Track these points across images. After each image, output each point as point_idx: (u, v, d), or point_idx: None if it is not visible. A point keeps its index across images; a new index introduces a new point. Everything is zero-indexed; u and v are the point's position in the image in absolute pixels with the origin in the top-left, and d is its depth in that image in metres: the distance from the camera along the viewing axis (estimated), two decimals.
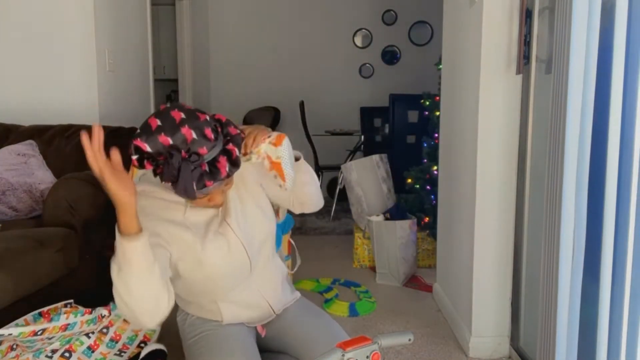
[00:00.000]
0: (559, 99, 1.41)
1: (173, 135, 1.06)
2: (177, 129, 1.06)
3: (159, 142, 1.06)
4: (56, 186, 2.17)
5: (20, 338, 1.38)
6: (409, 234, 3.00)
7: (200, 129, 1.07)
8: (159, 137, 1.06)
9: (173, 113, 1.09)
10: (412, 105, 4.32)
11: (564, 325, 1.40)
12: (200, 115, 1.11)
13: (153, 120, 1.09)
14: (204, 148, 1.07)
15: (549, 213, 1.46)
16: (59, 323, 1.46)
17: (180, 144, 1.06)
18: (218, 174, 1.09)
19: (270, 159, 1.29)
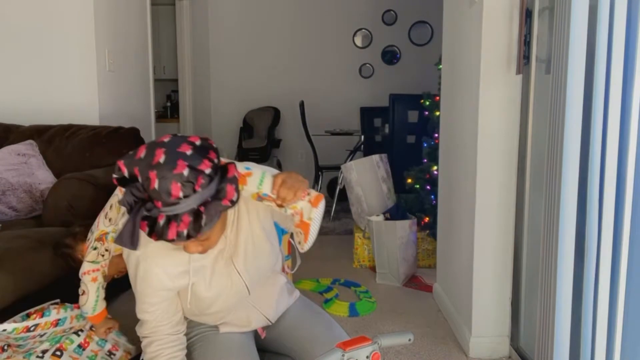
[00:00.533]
0: (558, 99, 1.41)
1: (142, 174, 1.00)
2: (147, 170, 0.99)
3: (133, 171, 1.01)
4: (56, 186, 2.17)
5: (13, 334, 1.38)
6: (409, 234, 3.00)
7: (166, 181, 0.98)
8: (134, 167, 1.01)
9: (157, 150, 1.01)
10: (412, 105, 4.32)
11: (563, 325, 1.40)
12: (179, 164, 0.99)
13: (142, 148, 1.04)
14: (160, 202, 0.99)
15: (548, 212, 1.47)
16: (50, 318, 1.46)
17: (145, 186, 0.99)
18: (166, 233, 1.00)
19: (301, 216, 1.22)
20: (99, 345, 1.56)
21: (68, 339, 1.51)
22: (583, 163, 1.35)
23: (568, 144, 1.37)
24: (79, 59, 2.92)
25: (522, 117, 1.94)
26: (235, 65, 5.89)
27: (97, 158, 2.57)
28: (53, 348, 1.46)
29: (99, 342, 1.56)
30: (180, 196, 0.98)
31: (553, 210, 1.44)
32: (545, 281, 1.47)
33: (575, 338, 1.39)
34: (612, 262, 1.27)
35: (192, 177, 0.99)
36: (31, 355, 1.43)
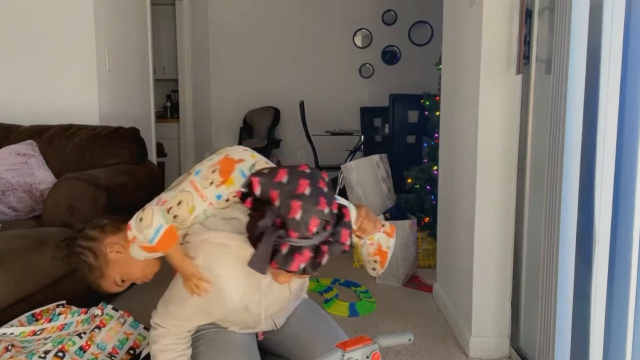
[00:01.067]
0: (558, 99, 1.41)
1: (282, 200, 1.01)
2: (289, 198, 1.00)
3: (268, 193, 1.02)
4: (56, 186, 2.17)
5: (20, 337, 1.38)
6: (409, 234, 3.00)
7: (308, 215, 1.00)
8: (273, 189, 1.01)
9: (302, 181, 1.02)
10: (412, 105, 4.32)
11: (564, 325, 1.40)
12: (321, 201, 1.01)
13: (282, 172, 1.04)
14: (296, 233, 1.00)
15: (549, 212, 1.47)
16: (57, 323, 1.46)
17: (282, 212, 1.01)
18: (288, 264, 1.02)
19: (380, 247, 1.29)
20: (99, 348, 1.56)
21: (71, 340, 1.51)
22: (584, 163, 1.35)
23: (569, 144, 1.37)
24: (79, 59, 2.92)
25: (522, 117, 1.94)
26: (235, 65, 5.89)
27: (97, 158, 2.57)
28: (55, 349, 1.46)
29: (100, 345, 1.57)
30: (314, 232, 1.01)
31: (554, 209, 1.44)
32: (547, 281, 1.47)
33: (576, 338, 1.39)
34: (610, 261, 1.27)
35: (328, 216, 1.03)
36: (33, 355, 1.43)
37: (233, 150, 1.29)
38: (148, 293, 2.57)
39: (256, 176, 1.05)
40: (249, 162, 1.26)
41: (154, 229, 1.13)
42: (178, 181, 1.30)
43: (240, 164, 1.24)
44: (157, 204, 1.24)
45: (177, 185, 1.28)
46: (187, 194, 1.22)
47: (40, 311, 1.65)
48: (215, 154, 1.31)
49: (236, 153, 1.28)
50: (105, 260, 1.26)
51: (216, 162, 1.25)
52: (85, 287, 2.13)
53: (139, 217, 1.16)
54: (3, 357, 1.40)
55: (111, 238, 1.27)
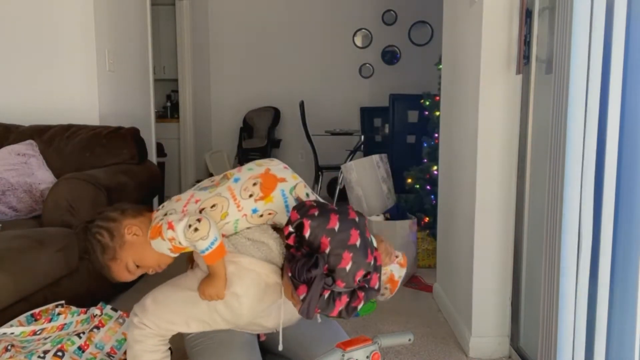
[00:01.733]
0: (560, 99, 1.41)
1: (333, 248, 1.01)
2: (342, 248, 1.01)
3: (319, 239, 1.02)
4: (56, 186, 2.17)
5: (20, 337, 1.38)
6: (409, 234, 3.00)
7: (357, 267, 1.02)
8: (325, 236, 1.02)
9: (353, 231, 1.03)
10: (412, 105, 4.32)
11: (566, 325, 1.40)
12: (369, 253, 1.04)
13: (334, 218, 1.04)
14: (343, 283, 1.02)
15: (551, 213, 1.46)
16: (57, 323, 1.46)
17: (332, 261, 1.01)
18: (330, 309, 1.04)
19: (392, 276, 1.33)
20: (97, 348, 1.56)
21: (70, 340, 1.51)
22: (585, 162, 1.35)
23: (570, 144, 1.37)
24: (79, 59, 2.92)
25: (522, 117, 1.94)
26: (235, 65, 5.89)
27: (97, 158, 2.57)
28: (54, 349, 1.46)
29: (98, 345, 1.57)
30: (356, 282, 1.03)
31: (556, 209, 1.44)
32: (548, 281, 1.47)
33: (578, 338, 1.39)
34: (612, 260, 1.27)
35: (372, 267, 1.05)
36: (33, 355, 1.43)
37: (274, 166, 1.28)
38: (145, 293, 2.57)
39: (307, 218, 1.03)
40: (291, 183, 1.25)
41: (209, 241, 1.13)
42: (212, 181, 1.28)
43: (283, 184, 1.24)
44: (189, 200, 1.23)
45: (211, 185, 1.26)
46: (223, 200, 1.20)
47: (39, 311, 1.65)
48: (254, 163, 1.29)
49: (278, 170, 1.27)
50: (121, 241, 1.23)
51: (257, 175, 1.23)
52: (85, 287, 2.14)
53: (194, 227, 1.13)
54: (2, 357, 1.40)
55: (130, 220, 1.25)
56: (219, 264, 1.16)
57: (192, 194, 1.25)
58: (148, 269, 1.28)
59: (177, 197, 1.27)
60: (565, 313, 1.39)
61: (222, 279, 1.16)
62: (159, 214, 1.24)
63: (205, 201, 1.20)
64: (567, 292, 1.39)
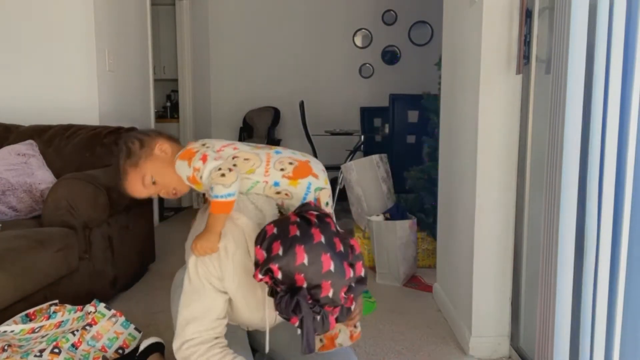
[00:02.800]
0: (557, 99, 1.41)
1: (310, 282, 0.99)
2: (318, 280, 0.99)
3: (293, 277, 1.00)
4: (56, 186, 2.17)
5: (19, 335, 1.38)
6: (409, 234, 3.00)
7: (338, 287, 1.01)
8: (295, 273, 0.99)
9: (323, 256, 1.00)
10: (412, 105, 4.32)
11: (562, 325, 1.40)
12: (346, 269, 1.02)
13: (300, 251, 1.00)
14: (330, 307, 1.02)
15: (548, 212, 1.47)
16: (55, 320, 1.47)
17: (314, 294, 1.00)
18: (327, 328, 1.03)
19: (334, 338, 1.33)
20: (89, 345, 1.57)
21: (64, 337, 1.52)
22: (583, 162, 1.35)
23: (568, 144, 1.37)
24: (79, 59, 2.92)
25: (522, 117, 1.94)
26: (235, 65, 5.89)
27: (97, 158, 2.57)
28: (50, 346, 1.47)
29: (89, 342, 1.58)
30: (345, 297, 1.03)
31: (553, 209, 1.44)
32: (546, 281, 1.47)
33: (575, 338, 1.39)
34: (612, 260, 1.27)
35: (354, 279, 1.05)
36: (29, 355, 1.44)
37: (315, 163, 1.33)
38: (145, 293, 2.57)
39: (273, 261, 1.00)
40: (320, 184, 1.29)
41: (227, 192, 1.15)
42: (256, 145, 1.34)
43: (314, 179, 1.28)
44: (229, 145, 1.29)
45: (253, 146, 1.32)
46: (257, 159, 1.26)
47: (33, 311, 1.65)
48: (299, 152, 1.35)
49: (316, 167, 1.32)
50: (149, 153, 1.29)
51: (297, 159, 1.29)
52: (84, 287, 2.14)
53: (222, 172, 1.16)
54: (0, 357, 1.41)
55: (164, 139, 1.33)
56: (220, 218, 1.17)
57: (234, 144, 1.31)
58: (162, 189, 1.30)
59: (219, 139, 1.33)
60: (561, 312, 1.39)
61: (217, 234, 1.17)
62: (197, 144, 1.29)
63: (242, 152, 1.26)
64: (564, 291, 1.39)
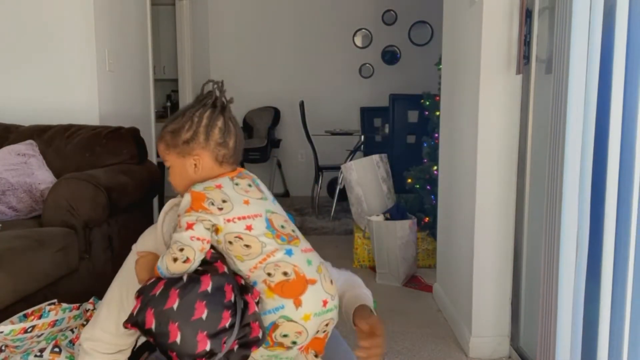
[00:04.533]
0: (559, 99, 1.41)
1: (157, 327, 0.88)
2: (166, 324, 0.88)
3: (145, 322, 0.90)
4: (56, 186, 2.17)
5: (11, 336, 1.38)
6: (409, 234, 3.00)
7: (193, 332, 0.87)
8: (145, 313, 0.90)
9: (171, 291, 0.89)
10: (412, 105, 4.32)
11: (565, 325, 1.40)
12: (196, 308, 0.87)
13: (173, 297, 0.89)
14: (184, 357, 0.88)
15: (549, 213, 1.46)
16: (48, 319, 1.46)
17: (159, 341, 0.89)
18: None
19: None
20: None
21: (63, 335, 1.52)
22: (584, 162, 1.35)
23: (569, 144, 1.37)
24: (79, 59, 2.92)
25: (522, 117, 1.94)
26: (235, 65, 5.89)
27: (97, 158, 2.56)
28: (50, 345, 1.47)
29: None
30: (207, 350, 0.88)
31: (554, 209, 1.44)
32: (547, 281, 1.47)
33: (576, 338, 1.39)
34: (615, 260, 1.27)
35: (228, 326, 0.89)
36: (29, 355, 1.43)
37: (318, 289, 1.00)
38: None
39: (150, 307, 0.90)
40: (296, 315, 0.97)
41: (164, 272, 0.97)
42: (279, 231, 1.02)
43: (292, 305, 0.96)
44: (247, 218, 0.99)
45: (277, 231, 1.03)
46: (257, 251, 0.98)
47: (32, 311, 1.65)
48: (320, 262, 1.08)
49: (316, 295, 0.99)
50: (184, 151, 1.06)
51: (299, 271, 0.99)
52: (84, 287, 2.13)
53: (178, 258, 0.95)
54: None
55: (208, 156, 1.05)
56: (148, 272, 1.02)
57: (255, 218, 0.98)
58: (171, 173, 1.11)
59: (244, 204, 0.99)
60: (563, 312, 1.39)
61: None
62: (217, 196, 0.98)
63: (250, 237, 0.96)
64: (566, 291, 1.39)
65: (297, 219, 4.28)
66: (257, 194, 1.03)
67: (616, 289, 1.27)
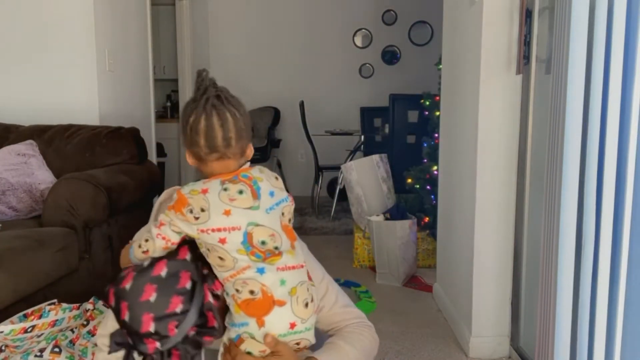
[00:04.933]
0: (558, 99, 1.41)
1: (114, 305, 0.95)
2: (119, 302, 0.94)
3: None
4: (56, 186, 2.17)
5: (11, 336, 1.38)
6: (409, 234, 3.00)
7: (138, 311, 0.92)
8: (109, 291, 0.96)
9: (129, 274, 0.94)
10: (412, 105, 4.32)
11: (563, 325, 1.40)
12: (145, 290, 0.92)
13: (129, 278, 0.94)
14: (132, 336, 0.94)
15: (548, 213, 1.46)
16: (48, 319, 1.46)
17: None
18: None
19: None
20: (85, 339, 1.57)
21: (63, 335, 1.52)
22: (583, 162, 1.35)
23: (568, 144, 1.37)
24: (79, 59, 2.92)
25: (522, 117, 1.94)
26: (235, 64, 5.89)
27: (97, 158, 2.57)
28: (50, 345, 1.47)
29: (85, 336, 1.58)
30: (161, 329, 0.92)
31: (553, 209, 1.44)
32: (546, 281, 1.47)
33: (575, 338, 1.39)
34: (612, 261, 1.27)
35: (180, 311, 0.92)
36: (29, 355, 1.43)
37: (286, 311, 0.98)
38: None
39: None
40: (258, 333, 0.98)
41: (131, 257, 1.03)
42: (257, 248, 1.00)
43: (254, 325, 0.98)
44: (222, 231, 0.98)
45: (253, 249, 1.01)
46: (230, 266, 0.99)
47: (31, 311, 1.65)
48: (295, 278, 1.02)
49: (281, 318, 0.98)
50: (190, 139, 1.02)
51: (266, 290, 0.98)
52: (84, 287, 2.14)
53: (142, 248, 1.00)
54: None
55: (188, 149, 1.04)
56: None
57: (230, 232, 0.95)
58: None
59: (222, 214, 0.95)
60: (561, 313, 1.39)
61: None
62: (197, 202, 0.95)
63: (223, 252, 0.95)
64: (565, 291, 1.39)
65: (297, 218, 4.28)
66: (247, 202, 0.96)
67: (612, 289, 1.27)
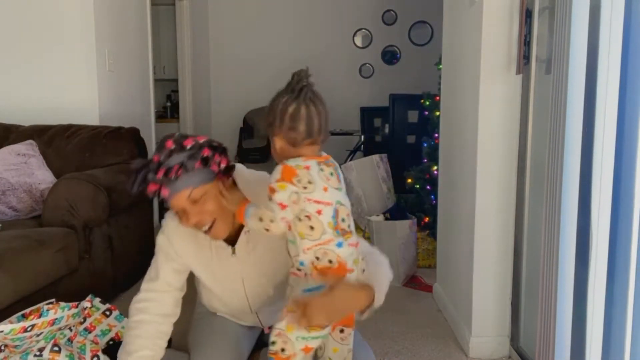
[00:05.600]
0: (558, 99, 1.41)
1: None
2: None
3: None
4: (56, 186, 2.17)
5: (10, 335, 1.38)
6: (409, 234, 3.00)
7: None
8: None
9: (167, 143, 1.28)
10: (412, 105, 4.32)
11: (564, 325, 1.40)
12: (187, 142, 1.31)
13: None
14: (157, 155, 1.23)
15: (549, 213, 1.46)
16: (47, 318, 1.47)
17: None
18: None
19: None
20: (82, 336, 1.58)
21: (62, 333, 1.52)
22: (584, 163, 1.35)
23: (569, 144, 1.38)
24: (79, 59, 2.92)
25: (522, 117, 1.94)
26: (235, 64, 5.89)
27: (97, 158, 2.57)
28: (49, 344, 1.47)
29: (82, 333, 1.59)
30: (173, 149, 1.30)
31: (554, 210, 1.44)
32: (546, 281, 1.47)
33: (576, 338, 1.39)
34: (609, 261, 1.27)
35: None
36: (28, 354, 1.43)
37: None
38: None
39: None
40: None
41: (250, 224, 1.15)
42: (338, 225, 1.13)
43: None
44: (320, 204, 1.10)
45: (343, 230, 1.15)
46: (318, 234, 1.10)
47: (30, 311, 1.65)
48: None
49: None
50: (269, 131, 1.22)
51: (341, 261, 1.13)
52: (84, 287, 2.14)
53: (265, 221, 1.10)
54: None
55: (280, 135, 1.17)
56: None
57: (327, 205, 1.09)
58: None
59: (325, 187, 1.09)
60: (562, 313, 1.39)
61: None
62: (304, 176, 1.09)
63: (317, 221, 1.07)
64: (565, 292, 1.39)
65: None
66: (336, 183, 1.12)
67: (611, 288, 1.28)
